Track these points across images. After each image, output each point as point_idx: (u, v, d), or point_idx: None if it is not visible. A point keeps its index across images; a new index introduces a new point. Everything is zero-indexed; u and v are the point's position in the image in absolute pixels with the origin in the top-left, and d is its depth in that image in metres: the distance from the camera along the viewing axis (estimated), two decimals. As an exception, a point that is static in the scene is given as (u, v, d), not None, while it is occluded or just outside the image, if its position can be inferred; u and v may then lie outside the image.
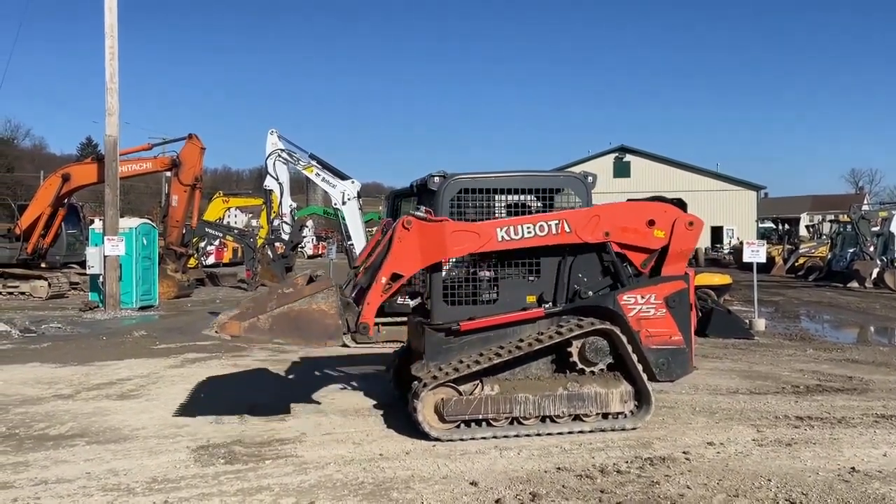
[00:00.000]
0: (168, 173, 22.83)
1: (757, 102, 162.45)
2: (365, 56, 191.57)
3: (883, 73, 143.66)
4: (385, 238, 6.35)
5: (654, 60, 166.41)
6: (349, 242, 12.69)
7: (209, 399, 7.83)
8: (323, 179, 12.64)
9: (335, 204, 12.81)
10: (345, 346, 11.37)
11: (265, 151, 12.40)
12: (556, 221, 6.41)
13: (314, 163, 12.73)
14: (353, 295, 6.52)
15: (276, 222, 12.09)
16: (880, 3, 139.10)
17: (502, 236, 6.36)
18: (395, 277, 6.27)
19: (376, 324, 11.16)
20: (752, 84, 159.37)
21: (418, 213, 6.31)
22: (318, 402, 7.61)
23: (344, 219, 12.58)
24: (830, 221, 37.21)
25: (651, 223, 6.57)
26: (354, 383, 8.56)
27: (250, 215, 53.06)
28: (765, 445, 6.05)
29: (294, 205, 12.76)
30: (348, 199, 12.44)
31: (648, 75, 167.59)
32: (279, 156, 12.00)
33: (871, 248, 25.13)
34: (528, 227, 6.38)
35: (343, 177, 12.83)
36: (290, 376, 9.03)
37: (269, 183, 11.94)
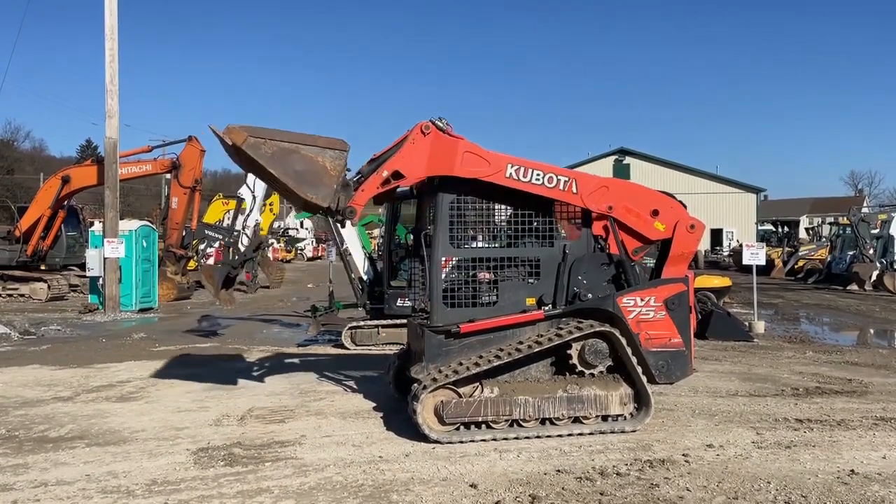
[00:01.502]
0: (168, 175, 22.80)
1: (756, 104, 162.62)
2: (364, 56, 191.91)
3: (882, 75, 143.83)
4: (399, 139, 6.37)
5: (654, 62, 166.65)
6: (343, 247, 12.62)
7: (208, 401, 7.83)
8: None
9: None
10: (344, 347, 11.40)
11: None
12: (566, 178, 6.47)
13: None
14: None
15: (236, 233, 11.75)
16: (880, 4, 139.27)
17: (511, 173, 6.40)
18: (396, 175, 6.29)
19: (375, 326, 11.32)
20: (751, 86, 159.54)
21: (439, 123, 6.34)
22: (318, 404, 7.62)
23: (336, 225, 12.49)
24: (830, 224, 37.21)
25: (655, 213, 6.60)
26: (354, 385, 8.56)
27: (250, 217, 52.98)
28: (764, 448, 6.06)
29: (259, 221, 12.47)
30: None
31: (648, 77, 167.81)
32: None
33: (871, 251, 25.13)
34: (538, 174, 6.43)
35: None
36: (290, 378, 9.03)
37: (243, 192, 11.70)
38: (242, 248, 11.11)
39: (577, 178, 6.52)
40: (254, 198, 11.44)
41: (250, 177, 11.55)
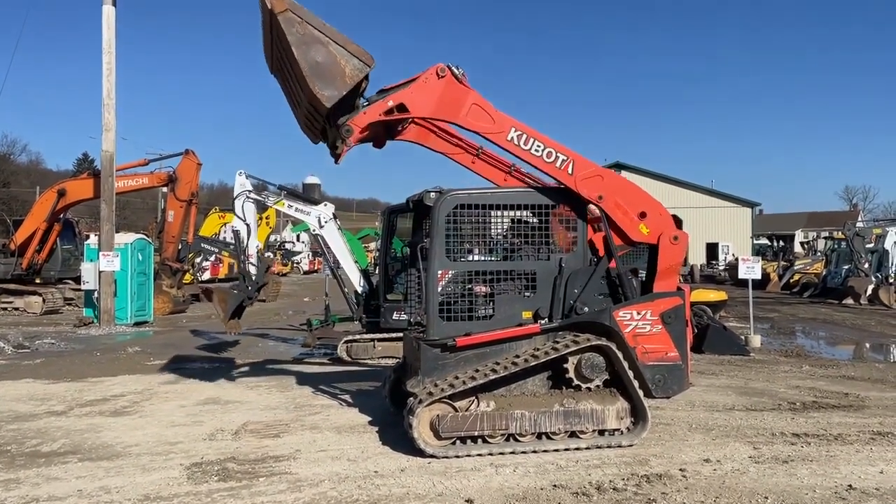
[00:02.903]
0: (164, 189, 22.80)
1: (752, 119, 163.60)
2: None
3: (876, 92, 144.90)
4: (412, 77, 6.38)
5: (650, 77, 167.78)
6: (337, 265, 12.63)
7: (203, 415, 7.78)
8: (296, 209, 12.54)
9: (313, 231, 12.71)
10: (340, 360, 11.35)
11: (234, 192, 12.29)
12: (565, 157, 6.49)
13: (283, 195, 12.64)
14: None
15: (243, 265, 11.88)
16: (874, 23, 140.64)
17: (512, 137, 6.43)
18: (401, 108, 6.30)
19: (371, 339, 11.30)
20: (747, 101, 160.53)
21: (455, 70, 6.35)
22: (313, 419, 7.57)
23: (326, 242, 12.51)
24: (825, 238, 37.31)
25: (642, 215, 6.57)
26: (349, 399, 8.52)
27: (246, 231, 52.96)
28: (761, 462, 6.03)
29: (260, 245, 12.52)
30: (325, 223, 12.37)
31: (644, 92, 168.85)
32: (248, 197, 11.88)
33: (866, 265, 25.20)
34: (539, 146, 6.45)
35: (315, 202, 12.77)
36: (285, 392, 8.99)
37: (237, 224, 11.82)
38: (254, 277, 11.25)
39: (575, 159, 6.50)
40: (247, 226, 11.54)
41: (238, 205, 11.70)
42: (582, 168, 6.50)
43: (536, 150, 6.44)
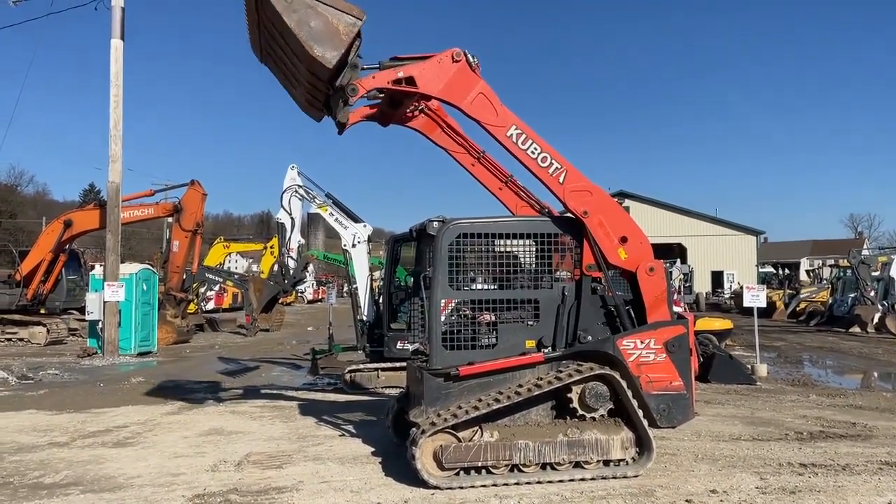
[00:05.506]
0: (170, 219, 22.92)
1: (755, 147, 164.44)
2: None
3: (881, 119, 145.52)
4: (428, 54, 6.42)
5: (654, 104, 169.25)
6: (354, 286, 12.66)
7: (206, 446, 7.74)
8: (336, 220, 12.67)
9: (344, 246, 12.83)
10: (343, 390, 11.31)
11: (283, 185, 12.51)
12: (559, 166, 6.51)
13: (329, 202, 12.82)
14: None
15: (283, 257, 12.14)
16: (877, 51, 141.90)
17: (512, 133, 6.46)
18: (409, 81, 6.32)
19: (375, 369, 11.27)
20: (750, 128, 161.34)
21: (470, 58, 6.39)
22: (316, 449, 7.52)
23: (351, 261, 12.59)
24: (831, 266, 37.23)
25: (623, 240, 6.55)
26: (353, 429, 8.47)
27: (251, 260, 53.20)
28: (768, 493, 5.96)
29: (302, 241, 12.76)
30: (358, 243, 12.47)
31: (647, 120, 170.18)
32: (296, 192, 12.08)
33: (872, 293, 25.09)
34: (535, 148, 6.48)
35: (356, 219, 12.90)
36: (288, 422, 8.94)
37: (282, 216, 12.08)
38: (290, 270, 11.40)
39: (568, 170, 6.52)
40: (292, 219, 11.77)
41: (285, 198, 11.90)
42: (573, 180, 6.52)
43: (532, 153, 6.48)
